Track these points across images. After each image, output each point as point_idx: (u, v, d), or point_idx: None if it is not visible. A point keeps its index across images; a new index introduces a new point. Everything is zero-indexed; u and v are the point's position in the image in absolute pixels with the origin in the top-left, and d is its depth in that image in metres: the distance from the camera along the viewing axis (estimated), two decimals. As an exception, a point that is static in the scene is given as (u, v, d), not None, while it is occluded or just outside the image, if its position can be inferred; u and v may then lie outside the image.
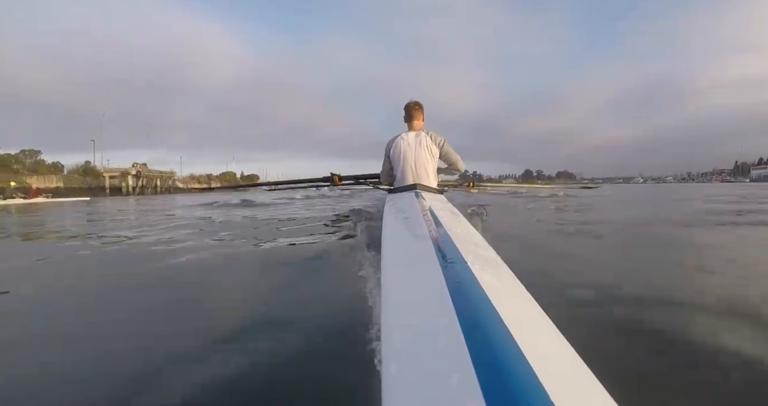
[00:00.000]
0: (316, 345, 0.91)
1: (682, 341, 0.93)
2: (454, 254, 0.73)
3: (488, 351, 0.40)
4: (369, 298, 1.15)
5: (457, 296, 0.53)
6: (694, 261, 1.92)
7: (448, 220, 1.23)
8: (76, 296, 1.43)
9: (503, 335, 0.43)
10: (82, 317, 1.18)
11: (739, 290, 1.38)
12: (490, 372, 0.37)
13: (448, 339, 0.44)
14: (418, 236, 0.96)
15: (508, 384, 0.36)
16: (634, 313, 1.12)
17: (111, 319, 1.13)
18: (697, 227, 3.19)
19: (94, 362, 0.86)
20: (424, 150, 2.63)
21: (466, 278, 0.60)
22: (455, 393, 0.36)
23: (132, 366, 0.83)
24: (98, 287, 1.55)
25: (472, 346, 0.41)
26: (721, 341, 0.92)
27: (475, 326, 0.45)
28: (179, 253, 2.05)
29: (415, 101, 2.78)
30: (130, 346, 0.94)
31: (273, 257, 1.95)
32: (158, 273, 1.68)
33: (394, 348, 0.49)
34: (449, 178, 4.83)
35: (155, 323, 1.09)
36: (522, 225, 3.43)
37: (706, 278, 1.57)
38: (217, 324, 1.04)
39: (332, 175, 3.99)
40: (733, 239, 2.62)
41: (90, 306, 1.30)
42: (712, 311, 1.14)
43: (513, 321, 0.46)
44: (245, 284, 1.45)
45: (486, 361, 0.39)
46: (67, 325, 1.12)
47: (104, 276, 1.74)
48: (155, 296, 1.34)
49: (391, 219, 1.44)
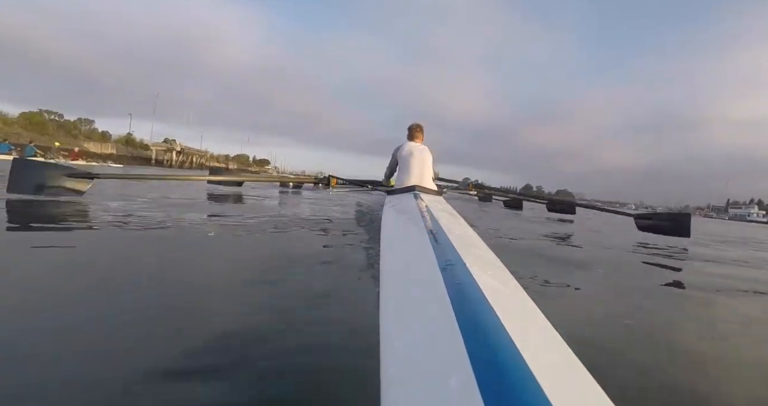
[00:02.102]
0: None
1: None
2: (453, 256, 0.74)
3: (487, 353, 0.40)
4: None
5: (456, 298, 0.53)
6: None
7: (446, 221, 1.23)
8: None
9: (502, 336, 0.43)
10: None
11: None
12: (488, 374, 0.37)
13: (447, 341, 0.44)
14: (417, 237, 0.96)
15: (507, 386, 0.36)
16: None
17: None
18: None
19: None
20: (425, 157, 3.18)
21: (465, 279, 0.61)
22: (454, 395, 0.36)
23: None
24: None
25: (470, 348, 0.41)
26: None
27: (473, 328, 0.45)
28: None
29: (417, 123, 3.45)
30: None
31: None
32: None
33: (393, 350, 0.49)
34: (451, 185, 4.84)
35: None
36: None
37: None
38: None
39: (329, 177, 4.00)
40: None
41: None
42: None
43: (512, 323, 0.46)
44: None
45: (485, 363, 0.39)
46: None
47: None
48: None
49: (390, 220, 1.44)
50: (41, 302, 1.03)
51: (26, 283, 1.18)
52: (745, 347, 1.18)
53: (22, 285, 1.15)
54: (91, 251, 1.60)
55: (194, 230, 2.25)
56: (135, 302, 1.06)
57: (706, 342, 1.18)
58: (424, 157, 3.15)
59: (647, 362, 0.95)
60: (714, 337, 1.24)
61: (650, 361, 0.96)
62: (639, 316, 1.34)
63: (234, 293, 1.25)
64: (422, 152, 3.18)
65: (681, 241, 3.86)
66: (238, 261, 1.67)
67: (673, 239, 3.89)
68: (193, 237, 2.04)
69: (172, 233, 2.08)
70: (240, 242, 2.02)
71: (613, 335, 1.13)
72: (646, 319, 1.32)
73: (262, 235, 2.21)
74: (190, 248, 1.83)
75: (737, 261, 3.28)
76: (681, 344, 1.14)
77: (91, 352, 0.81)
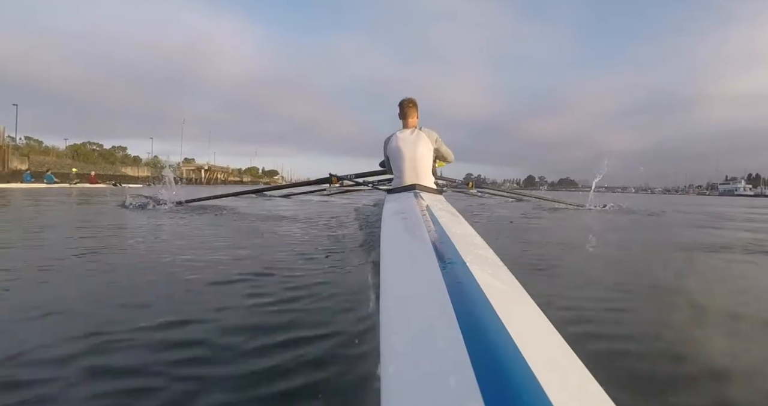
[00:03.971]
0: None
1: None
2: (453, 255, 0.73)
3: (487, 352, 0.40)
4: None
5: (456, 297, 0.53)
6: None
7: (447, 220, 1.23)
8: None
9: (502, 335, 0.43)
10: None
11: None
12: (489, 373, 0.37)
13: (447, 340, 0.44)
14: (417, 237, 0.96)
15: (507, 385, 0.36)
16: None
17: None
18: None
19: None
20: (420, 147, 2.63)
21: (465, 278, 0.61)
22: (454, 394, 0.36)
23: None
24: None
25: (471, 347, 0.41)
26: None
27: (474, 327, 0.45)
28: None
29: (409, 98, 2.80)
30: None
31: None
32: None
33: (393, 349, 0.49)
34: (451, 184, 4.84)
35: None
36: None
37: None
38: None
39: (331, 175, 4.00)
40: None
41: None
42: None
43: (512, 322, 0.46)
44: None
45: (485, 362, 0.39)
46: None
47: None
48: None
49: (390, 219, 1.44)
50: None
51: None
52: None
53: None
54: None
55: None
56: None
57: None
58: (417, 148, 2.62)
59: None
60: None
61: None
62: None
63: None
64: (415, 142, 2.63)
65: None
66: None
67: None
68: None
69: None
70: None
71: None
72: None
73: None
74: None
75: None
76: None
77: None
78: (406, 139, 2.67)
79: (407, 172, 2.62)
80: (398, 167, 2.67)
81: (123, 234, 2.75)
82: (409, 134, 2.70)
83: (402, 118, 2.80)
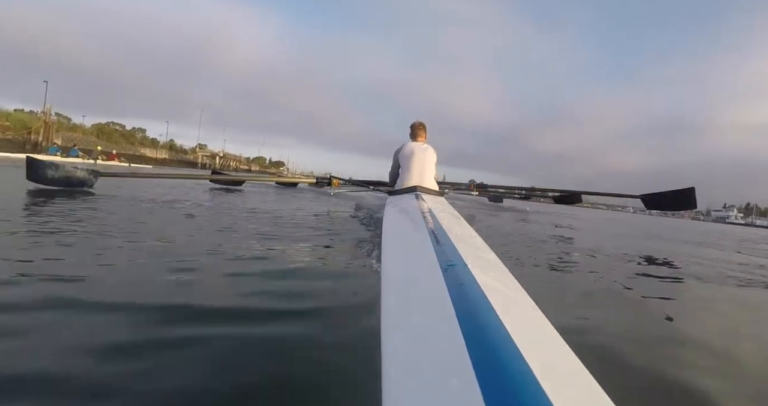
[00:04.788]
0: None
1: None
2: (454, 256, 0.73)
3: (488, 354, 0.40)
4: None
5: (457, 298, 0.53)
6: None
7: (448, 222, 1.23)
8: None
9: (503, 337, 0.43)
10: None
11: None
12: (490, 375, 0.37)
13: (449, 342, 0.44)
14: (418, 238, 0.96)
15: (508, 387, 0.36)
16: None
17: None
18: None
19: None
20: (428, 157, 3.12)
21: (466, 280, 0.61)
22: (455, 396, 0.36)
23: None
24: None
25: (472, 348, 0.41)
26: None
27: (475, 329, 0.45)
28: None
29: (420, 122, 3.36)
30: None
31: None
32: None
33: (394, 350, 0.49)
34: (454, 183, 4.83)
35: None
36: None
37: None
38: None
39: (331, 177, 4.01)
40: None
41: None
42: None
43: (513, 324, 0.46)
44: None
45: (486, 363, 0.39)
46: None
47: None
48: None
49: (391, 220, 1.44)
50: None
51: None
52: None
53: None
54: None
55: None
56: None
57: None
58: (425, 156, 3.09)
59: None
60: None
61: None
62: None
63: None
64: (424, 152, 3.12)
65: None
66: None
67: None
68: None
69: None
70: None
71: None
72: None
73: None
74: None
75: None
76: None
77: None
78: (418, 147, 3.17)
79: (414, 174, 3.00)
80: (407, 168, 3.08)
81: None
82: (419, 146, 3.22)
83: (412, 138, 3.32)
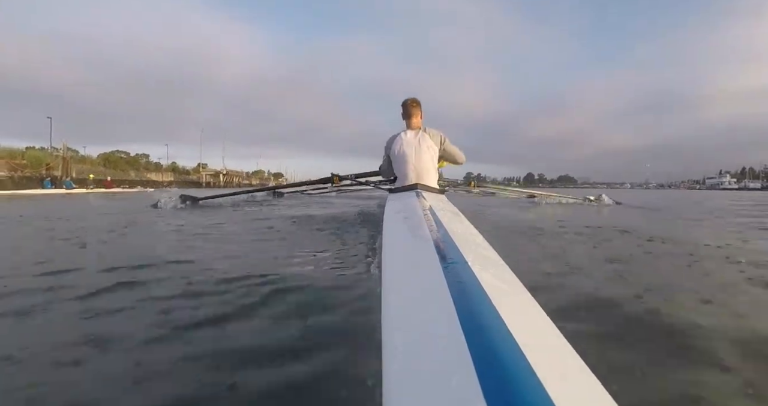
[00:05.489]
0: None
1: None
2: (455, 254, 0.73)
3: (489, 352, 0.40)
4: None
5: (458, 297, 0.53)
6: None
7: (448, 220, 1.23)
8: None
9: (504, 335, 0.43)
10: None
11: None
12: (491, 374, 0.37)
13: (449, 340, 0.44)
14: (419, 236, 0.96)
15: (510, 385, 0.35)
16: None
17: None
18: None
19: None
20: (424, 149, 2.62)
21: (467, 278, 0.60)
22: (456, 393, 0.36)
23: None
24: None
25: (473, 346, 0.41)
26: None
27: (476, 327, 0.45)
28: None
29: (412, 98, 2.75)
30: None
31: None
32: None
33: (395, 348, 0.49)
34: (450, 178, 4.84)
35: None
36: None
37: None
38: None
39: (332, 175, 4.00)
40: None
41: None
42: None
43: (514, 322, 0.46)
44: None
45: (487, 361, 0.39)
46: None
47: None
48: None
49: (391, 219, 1.44)
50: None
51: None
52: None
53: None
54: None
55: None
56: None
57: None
58: (421, 148, 2.62)
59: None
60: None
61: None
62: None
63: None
64: (419, 143, 2.63)
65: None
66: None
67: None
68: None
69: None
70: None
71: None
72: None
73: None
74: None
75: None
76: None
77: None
78: (410, 141, 2.65)
79: (410, 174, 2.59)
80: (401, 168, 2.65)
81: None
82: (413, 136, 2.67)
83: (405, 119, 2.75)
